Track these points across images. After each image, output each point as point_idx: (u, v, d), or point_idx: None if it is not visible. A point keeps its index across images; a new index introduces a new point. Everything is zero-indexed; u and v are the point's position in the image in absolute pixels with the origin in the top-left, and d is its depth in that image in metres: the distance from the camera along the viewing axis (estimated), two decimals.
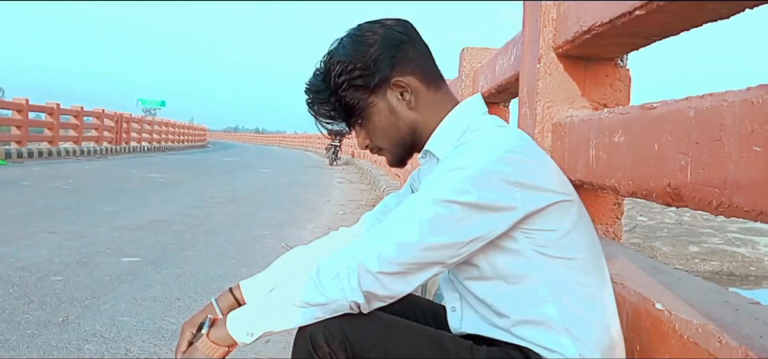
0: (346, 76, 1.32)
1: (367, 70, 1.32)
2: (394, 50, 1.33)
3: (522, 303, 1.21)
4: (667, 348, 1.18)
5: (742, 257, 8.32)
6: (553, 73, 2.00)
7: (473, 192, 1.14)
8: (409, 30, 1.38)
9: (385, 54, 1.33)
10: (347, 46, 1.35)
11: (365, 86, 1.33)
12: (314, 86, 1.38)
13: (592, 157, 1.63)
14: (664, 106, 1.28)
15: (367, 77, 1.33)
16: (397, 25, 1.37)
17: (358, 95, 1.34)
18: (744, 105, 0.99)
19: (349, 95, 1.34)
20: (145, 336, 2.85)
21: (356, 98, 1.34)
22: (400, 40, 1.35)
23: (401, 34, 1.35)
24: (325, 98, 1.36)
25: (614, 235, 2.08)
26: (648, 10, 1.34)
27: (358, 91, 1.34)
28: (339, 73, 1.33)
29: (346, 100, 1.34)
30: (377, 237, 1.18)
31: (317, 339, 1.16)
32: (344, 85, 1.33)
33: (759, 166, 0.94)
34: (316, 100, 1.38)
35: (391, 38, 1.34)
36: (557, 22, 1.96)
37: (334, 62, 1.34)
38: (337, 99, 1.35)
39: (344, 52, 1.34)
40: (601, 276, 1.27)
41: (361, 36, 1.35)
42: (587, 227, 1.30)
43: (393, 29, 1.35)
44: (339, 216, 7.68)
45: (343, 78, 1.33)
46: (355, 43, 1.34)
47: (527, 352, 1.20)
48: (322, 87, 1.36)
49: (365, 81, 1.33)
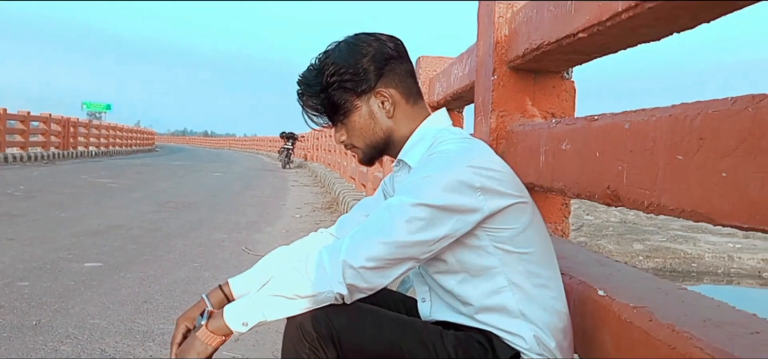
0: (337, 77, 1.48)
1: (357, 76, 1.48)
2: (383, 64, 1.50)
3: (484, 292, 1.38)
4: (608, 328, 1.36)
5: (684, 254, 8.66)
6: (506, 85, 2.18)
7: (442, 196, 1.30)
8: (399, 48, 1.54)
9: (375, 65, 1.49)
10: (343, 51, 1.51)
11: (353, 90, 1.49)
12: (307, 80, 1.53)
13: (542, 162, 1.81)
14: (604, 119, 1.46)
15: (356, 82, 1.49)
16: (390, 41, 1.53)
17: (345, 96, 1.50)
18: (670, 119, 1.17)
19: (337, 95, 1.50)
20: (118, 337, 2.93)
21: (343, 99, 1.50)
22: (390, 55, 1.51)
23: (392, 51, 1.52)
24: (316, 93, 1.51)
25: (563, 233, 2.28)
26: (589, 33, 1.52)
27: (346, 93, 1.49)
28: (331, 74, 1.48)
29: (333, 98, 1.50)
30: (358, 236, 1.33)
31: (306, 327, 1.31)
32: (334, 85, 1.49)
33: (682, 171, 1.12)
34: (307, 93, 1.53)
35: (383, 53, 1.51)
36: (509, 38, 2.14)
37: (328, 63, 1.50)
38: (327, 96, 1.50)
39: (339, 56, 1.50)
40: (552, 268, 1.45)
41: (357, 45, 1.51)
42: (540, 225, 1.47)
43: (386, 45, 1.52)
44: (296, 219, 7.77)
45: (335, 79, 1.48)
46: (351, 49, 1.50)
47: (489, 336, 1.37)
48: (314, 82, 1.51)
49: (353, 85, 1.49)
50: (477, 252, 1.37)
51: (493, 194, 1.34)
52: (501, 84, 2.19)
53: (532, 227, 1.42)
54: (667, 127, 1.18)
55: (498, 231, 1.36)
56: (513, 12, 2.12)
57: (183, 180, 13.88)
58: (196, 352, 1.37)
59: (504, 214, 1.36)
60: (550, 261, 1.46)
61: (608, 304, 1.38)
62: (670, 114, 1.18)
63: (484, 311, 1.38)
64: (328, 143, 16.29)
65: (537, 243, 1.42)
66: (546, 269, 1.42)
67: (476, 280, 1.38)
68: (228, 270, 4.35)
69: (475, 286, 1.38)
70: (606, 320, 1.38)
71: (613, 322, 1.35)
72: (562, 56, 1.88)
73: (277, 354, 2.83)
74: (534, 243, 1.41)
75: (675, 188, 1.15)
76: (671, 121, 1.17)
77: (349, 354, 1.32)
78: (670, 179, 1.16)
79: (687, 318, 1.19)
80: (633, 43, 1.60)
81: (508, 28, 2.15)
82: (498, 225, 1.36)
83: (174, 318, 3.16)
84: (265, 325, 1.37)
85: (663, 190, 1.19)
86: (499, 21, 2.16)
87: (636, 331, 1.25)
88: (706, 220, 1.08)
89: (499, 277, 1.37)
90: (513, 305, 1.37)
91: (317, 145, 20.79)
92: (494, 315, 1.38)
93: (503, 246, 1.37)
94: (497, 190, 1.35)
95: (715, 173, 1.02)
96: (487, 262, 1.37)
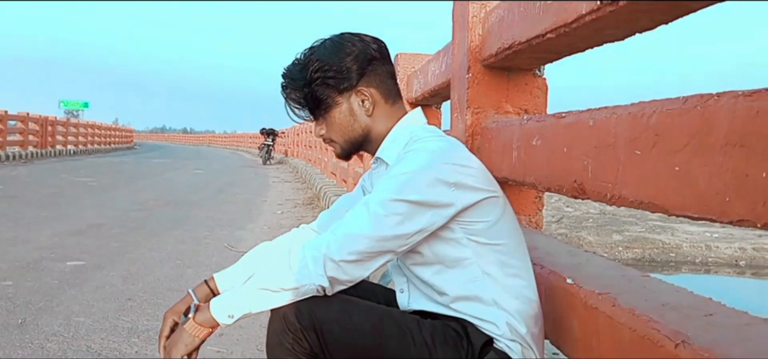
0: (321, 73, 1.54)
1: (340, 74, 1.55)
2: (365, 64, 1.57)
3: (458, 282, 1.45)
4: (576, 314, 1.44)
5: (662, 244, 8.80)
6: (480, 83, 2.25)
7: (417, 192, 1.37)
8: (382, 50, 1.61)
9: (357, 65, 1.56)
10: (328, 48, 1.57)
11: (335, 86, 1.56)
12: (291, 73, 1.60)
13: (515, 157, 1.89)
14: (571, 116, 1.54)
15: (338, 80, 1.55)
16: (374, 43, 1.60)
17: (327, 92, 1.56)
18: (629, 117, 1.25)
19: (320, 90, 1.56)
20: (103, 334, 2.98)
21: (325, 94, 1.56)
22: (373, 57, 1.58)
23: (375, 52, 1.59)
24: (299, 87, 1.58)
25: (536, 225, 2.36)
26: (556, 33, 1.60)
27: (328, 89, 1.56)
28: (315, 69, 1.55)
29: (316, 93, 1.56)
30: (339, 231, 1.39)
31: (290, 318, 1.37)
32: (318, 81, 1.55)
33: (640, 165, 1.20)
34: (291, 86, 1.59)
35: (366, 53, 1.57)
36: (483, 37, 2.21)
37: (313, 59, 1.56)
38: (310, 91, 1.57)
39: (324, 53, 1.56)
40: (523, 258, 1.53)
41: (342, 44, 1.57)
42: (511, 218, 1.55)
43: (369, 46, 1.59)
44: (277, 215, 7.81)
45: (318, 75, 1.55)
46: (336, 48, 1.57)
47: (464, 323, 1.45)
48: (298, 76, 1.58)
49: (336, 82, 1.55)
50: (452, 244, 1.44)
51: (466, 189, 1.42)
52: (476, 82, 2.26)
53: (504, 220, 1.49)
54: (627, 123, 1.26)
55: (471, 224, 1.43)
56: (486, 12, 2.20)
57: (163, 178, 13.86)
58: (184, 344, 1.43)
59: (477, 208, 1.43)
60: (522, 251, 1.53)
61: (576, 292, 1.45)
62: (630, 112, 1.25)
63: (459, 300, 1.45)
64: (309, 139, 16.31)
65: (508, 235, 1.50)
66: (517, 259, 1.50)
67: (451, 271, 1.45)
68: (211, 267, 4.39)
69: (451, 277, 1.46)
70: (574, 306, 1.46)
71: (580, 308, 1.43)
72: (532, 55, 1.96)
73: (260, 348, 2.89)
74: (505, 235, 1.48)
75: (634, 181, 1.23)
76: (630, 118, 1.25)
77: (331, 343, 1.38)
78: (630, 173, 1.24)
79: (647, 302, 1.26)
80: (599, 43, 1.67)
81: (481, 27, 2.23)
82: (471, 218, 1.43)
83: (159, 315, 3.22)
84: (249, 320, 1.44)
85: (624, 183, 1.27)
86: (473, 21, 2.24)
87: (601, 316, 1.32)
88: (662, 211, 1.16)
89: (472, 268, 1.44)
90: (486, 294, 1.44)
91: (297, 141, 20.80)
92: (469, 303, 1.45)
93: (476, 239, 1.44)
94: (470, 186, 1.43)
95: (669, 167, 1.10)
96: (462, 254, 1.44)
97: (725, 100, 0.98)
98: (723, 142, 0.97)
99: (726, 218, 0.98)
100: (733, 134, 0.95)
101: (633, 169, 1.23)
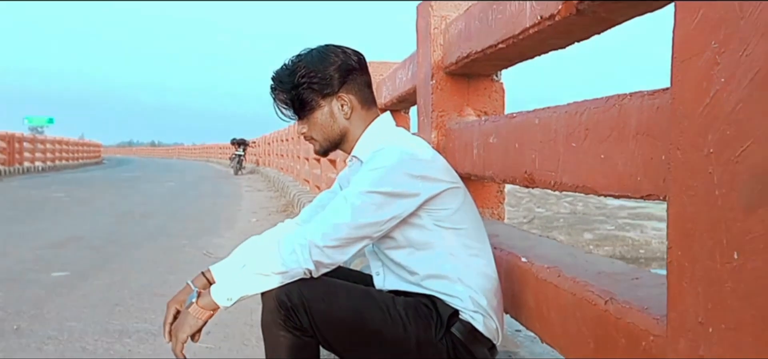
0: (307, 79, 1.76)
1: (324, 80, 1.76)
2: (346, 74, 1.78)
3: (427, 262, 1.67)
4: (529, 288, 1.67)
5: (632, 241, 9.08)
6: (443, 89, 2.48)
7: (389, 184, 1.59)
8: (361, 62, 1.83)
9: (339, 74, 1.77)
10: (315, 57, 1.78)
11: (319, 91, 1.77)
12: (280, 77, 1.81)
13: (475, 155, 2.11)
14: (520, 116, 1.76)
15: (322, 85, 1.77)
16: (355, 55, 1.82)
17: (312, 96, 1.78)
18: (566, 115, 1.48)
19: (305, 94, 1.77)
20: (96, 336, 3.14)
21: (309, 98, 1.78)
22: (353, 68, 1.80)
23: (355, 64, 1.80)
24: (287, 89, 1.79)
25: (498, 216, 2.59)
26: (507, 44, 1.82)
27: (312, 93, 1.77)
28: (302, 75, 1.76)
29: (301, 96, 1.78)
30: (321, 221, 1.60)
31: (281, 298, 1.57)
32: (304, 85, 1.76)
33: (575, 155, 1.43)
34: (279, 88, 1.81)
35: (348, 64, 1.79)
36: (444, 47, 2.43)
37: (301, 65, 1.77)
38: (296, 93, 1.78)
39: (311, 61, 1.77)
40: (483, 241, 1.75)
41: (327, 54, 1.78)
42: (471, 206, 1.77)
43: (351, 58, 1.80)
44: (253, 223, 7.94)
45: (305, 80, 1.76)
46: (321, 57, 1.78)
47: (433, 298, 1.66)
48: (286, 80, 1.79)
49: (319, 87, 1.77)
50: (420, 229, 1.66)
51: (430, 181, 1.63)
52: (439, 88, 2.49)
53: (464, 208, 1.71)
54: (564, 121, 1.49)
55: (436, 212, 1.65)
56: (446, 24, 2.42)
57: (137, 191, 13.89)
58: (189, 325, 1.62)
59: (440, 197, 1.65)
60: (481, 235, 1.75)
61: (529, 268, 1.68)
62: (566, 111, 1.48)
63: (428, 278, 1.67)
64: (280, 148, 16.42)
65: (469, 221, 1.72)
66: (477, 242, 1.72)
67: (420, 253, 1.67)
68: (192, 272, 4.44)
69: (420, 258, 1.67)
70: (527, 281, 1.68)
71: (532, 282, 1.65)
72: (488, 62, 2.19)
73: (246, 343, 3.08)
74: (466, 221, 1.71)
75: (571, 169, 1.46)
76: (567, 116, 1.48)
77: (318, 319, 1.59)
78: (568, 162, 1.47)
79: (586, 272, 1.49)
80: (545, 51, 1.91)
81: (443, 38, 2.45)
82: (436, 206, 1.65)
83: (147, 318, 3.41)
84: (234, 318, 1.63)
85: (564, 171, 1.50)
86: (434, 33, 2.46)
87: (549, 286, 1.55)
88: (592, 192, 1.39)
89: (439, 250, 1.66)
90: (451, 272, 1.66)
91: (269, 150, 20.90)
92: (436, 281, 1.67)
93: (441, 224, 1.66)
94: (433, 178, 1.65)
95: (596, 156, 1.33)
96: (429, 238, 1.66)
97: (635, 98, 1.21)
98: (634, 133, 1.20)
99: (638, 194, 1.21)
100: (641, 126, 1.18)
101: (570, 159, 1.46)
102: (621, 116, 1.25)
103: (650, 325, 1.12)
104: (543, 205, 11.92)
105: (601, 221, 10.30)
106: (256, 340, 3.09)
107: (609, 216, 10.60)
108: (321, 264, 1.58)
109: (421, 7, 2.59)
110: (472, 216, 1.74)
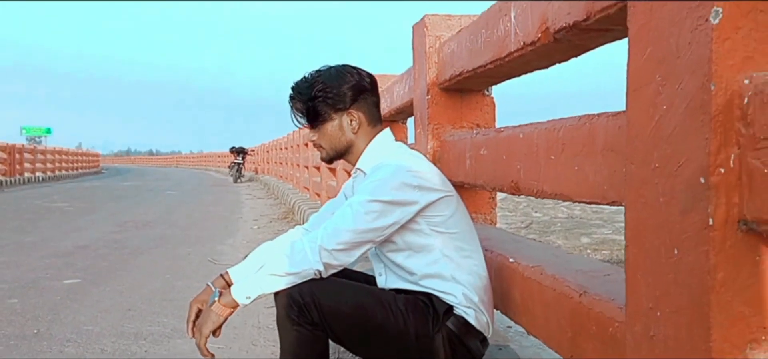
0: (323, 93, 1.96)
1: (338, 96, 1.96)
2: (359, 93, 1.99)
3: (424, 263, 1.86)
4: (516, 285, 1.85)
5: None
6: (438, 103, 2.67)
7: (389, 194, 1.78)
8: (373, 84, 2.04)
9: (352, 92, 1.98)
10: (332, 74, 1.98)
11: (332, 105, 1.97)
12: (299, 88, 2.01)
13: (468, 165, 2.30)
14: (507, 130, 1.95)
15: (335, 100, 1.97)
16: (368, 77, 2.03)
17: (325, 109, 1.98)
18: (546, 131, 1.67)
19: (320, 106, 1.97)
20: (113, 338, 3.32)
21: (323, 110, 1.98)
22: (365, 88, 2.00)
23: (367, 85, 2.01)
24: (303, 100, 1.99)
25: (491, 221, 2.77)
26: (495, 64, 2.01)
27: (326, 107, 1.97)
28: (319, 89, 1.96)
29: (316, 108, 1.98)
30: (330, 227, 1.78)
31: (294, 296, 1.76)
32: (319, 98, 1.96)
33: (553, 167, 1.62)
34: (297, 98, 2.01)
35: (361, 84, 1.99)
36: (439, 64, 2.62)
37: (319, 80, 1.97)
38: (312, 105, 1.98)
39: (328, 77, 1.98)
40: (474, 243, 1.94)
41: (343, 73, 1.99)
42: (464, 212, 1.96)
43: (364, 79, 2.01)
44: (254, 231, 8.11)
45: (321, 94, 1.96)
46: (338, 75, 1.98)
47: (430, 296, 1.85)
48: (304, 91, 1.99)
49: (333, 102, 1.97)
50: (418, 234, 1.85)
51: (426, 190, 1.82)
52: (434, 102, 2.67)
53: (458, 214, 1.90)
54: (544, 136, 1.68)
55: (432, 218, 1.84)
56: (440, 43, 2.61)
57: (137, 200, 14.07)
58: (211, 322, 1.80)
59: (436, 205, 1.84)
60: (473, 238, 1.94)
61: (516, 267, 1.87)
62: (546, 127, 1.67)
63: (425, 277, 1.86)
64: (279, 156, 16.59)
65: (462, 225, 1.91)
66: (470, 244, 1.91)
67: (418, 255, 1.86)
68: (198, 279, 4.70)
69: (418, 260, 1.86)
70: (515, 279, 1.87)
71: (519, 280, 1.84)
72: (479, 80, 2.37)
73: (254, 344, 3.25)
74: (459, 225, 1.90)
75: (551, 179, 1.64)
76: (547, 132, 1.66)
77: (328, 314, 1.77)
78: (548, 172, 1.65)
79: (565, 270, 1.68)
80: (529, 70, 2.09)
81: (437, 56, 2.64)
82: (432, 213, 1.84)
83: (160, 321, 3.60)
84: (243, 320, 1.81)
85: (544, 181, 1.68)
86: (430, 51, 2.65)
87: (533, 283, 1.73)
88: (568, 199, 1.58)
89: (434, 252, 1.85)
90: (446, 272, 1.85)
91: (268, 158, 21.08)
92: (433, 280, 1.86)
93: (437, 229, 1.85)
94: (429, 187, 1.84)
95: (571, 167, 1.52)
96: (426, 241, 1.85)
97: (602, 119, 1.40)
98: (601, 148, 1.39)
99: (605, 201, 1.40)
100: (607, 143, 1.37)
101: (549, 170, 1.65)
102: (590, 133, 1.44)
103: (615, 313, 1.31)
104: (540, 210, 12.03)
105: (598, 225, 10.42)
106: (264, 341, 3.27)
107: (606, 221, 10.71)
108: (329, 265, 1.76)
109: (417, 27, 2.78)
110: (464, 221, 1.93)
